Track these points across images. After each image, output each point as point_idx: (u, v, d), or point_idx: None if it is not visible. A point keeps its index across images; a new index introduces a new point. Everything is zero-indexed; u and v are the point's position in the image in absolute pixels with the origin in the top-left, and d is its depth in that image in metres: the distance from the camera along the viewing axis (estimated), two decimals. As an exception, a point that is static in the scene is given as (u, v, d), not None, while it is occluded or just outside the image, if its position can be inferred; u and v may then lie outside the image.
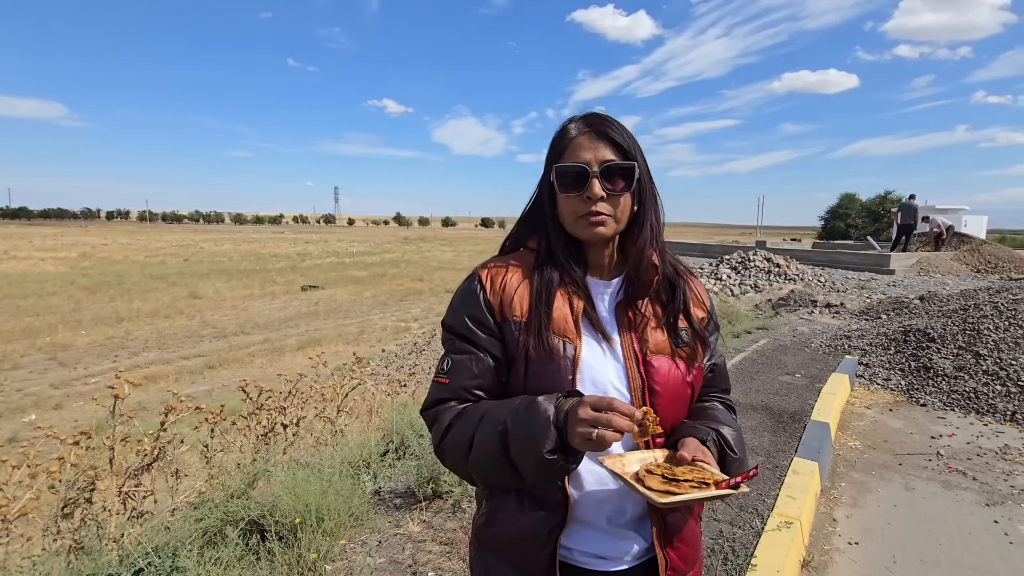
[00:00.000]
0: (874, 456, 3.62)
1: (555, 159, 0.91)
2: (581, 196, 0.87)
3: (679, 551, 0.91)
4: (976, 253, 14.70)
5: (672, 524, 0.91)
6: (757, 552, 2.23)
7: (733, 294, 11.70)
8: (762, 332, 7.25)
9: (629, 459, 0.83)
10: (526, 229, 0.99)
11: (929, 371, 4.97)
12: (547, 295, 0.89)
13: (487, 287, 0.92)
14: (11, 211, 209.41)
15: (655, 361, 0.90)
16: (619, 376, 0.88)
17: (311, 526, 2.19)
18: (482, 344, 0.90)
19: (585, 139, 0.88)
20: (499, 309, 0.90)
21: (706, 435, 0.87)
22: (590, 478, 0.88)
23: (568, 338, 0.87)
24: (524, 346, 0.87)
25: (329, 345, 12.64)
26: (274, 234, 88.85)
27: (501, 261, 0.96)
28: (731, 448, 0.89)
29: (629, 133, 0.90)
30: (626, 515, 0.89)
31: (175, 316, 16.94)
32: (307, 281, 25.53)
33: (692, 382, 0.93)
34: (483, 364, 0.90)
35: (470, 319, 0.91)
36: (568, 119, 0.93)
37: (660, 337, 0.92)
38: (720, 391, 1.05)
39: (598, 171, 0.87)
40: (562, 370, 0.85)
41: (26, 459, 2.03)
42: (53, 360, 11.81)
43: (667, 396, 0.89)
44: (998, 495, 3.06)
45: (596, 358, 0.88)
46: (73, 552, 1.98)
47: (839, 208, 36.13)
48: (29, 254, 35.80)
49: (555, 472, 0.78)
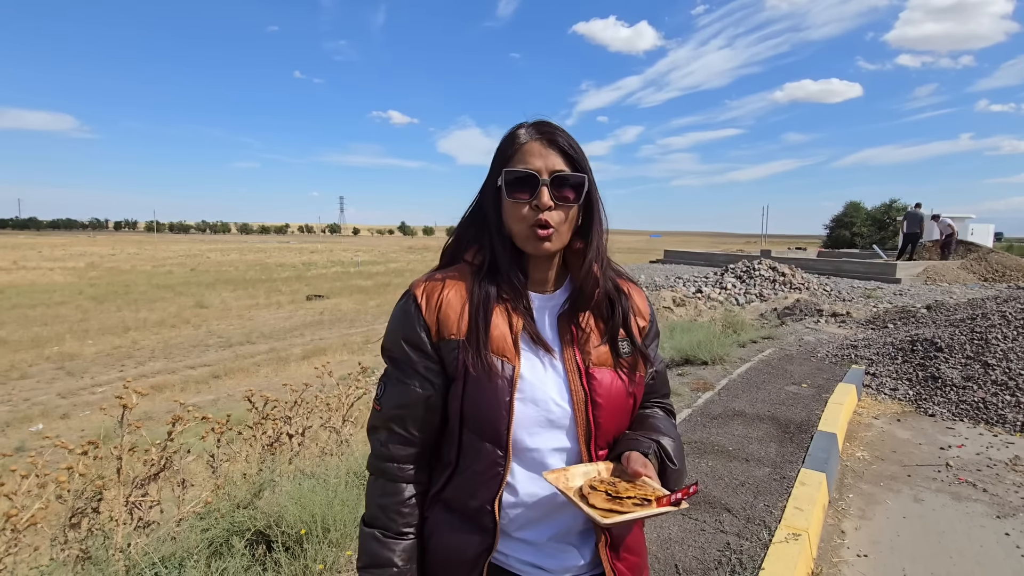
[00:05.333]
0: (882, 467, 3.59)
1: (503, 164, 0.88)
2: (529, 203, 0.85)
3: (627, 561, 0.91)
4: (983, 262, 14.62)
5: (618, 535, 0.91)
6: (765, 564, 2.21)
7: (738, 303, 11.66)
8: (768, 342, 7.21)
9: (573, 473, 0.83)
10: (466, 237, 0.96)
11: (937, 381, 4.93)
12: (485, 312, 0.87)
13: (423, 305, 0.88)
14: (20, 222, 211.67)
15: (597, 373, 0.89)
16: (560, 390, 0.87)
17: (317, 537, 2.19)
18: (418, 370, 0.88)
19: (536, 146, 0.86)
20: (436, 329, 0.87)
21: (647, 448, 0.87)
22: (531, 499, 0.87)
23: (507, 357, 0.85)
24: (463, 365, 0.85)
25: (334, 354, 12.66)
26: (280, 244, 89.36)
27: (438, 275, 0.93)
28: (671, 460, 0.89)
29: (578, 144, 0.89)
30: (569, 530, 0.89)
31: (181, 326, 17.01)
32: (312, 290, 25.61)
33: (634, 392, 0.93)
34: (415, 395, 0.88)
35: (406, 343, 0.89)
36: (518, 125, 0.90)
37: (603, 350, 0.91)
38: (660, 396, 1.05)
39: (548, 180, 0.84)
40: (499, 390, 0.84)
41: (34, 468, 2.05)
42: (60, 370, 11.86)
43: (609, 408, 0.88)
44: (1009, 507, 3.02)
45: (536, 374, 0.87)
46: (80, 562, 1.99)
47: (844, 217, 36.01)
48: (38, 264, 36.11)
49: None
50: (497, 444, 0.85)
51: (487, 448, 0.85)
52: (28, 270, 31.97)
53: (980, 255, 15.10)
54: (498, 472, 0.85)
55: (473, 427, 0.86)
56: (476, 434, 0.86)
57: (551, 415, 0.86)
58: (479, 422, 0.85)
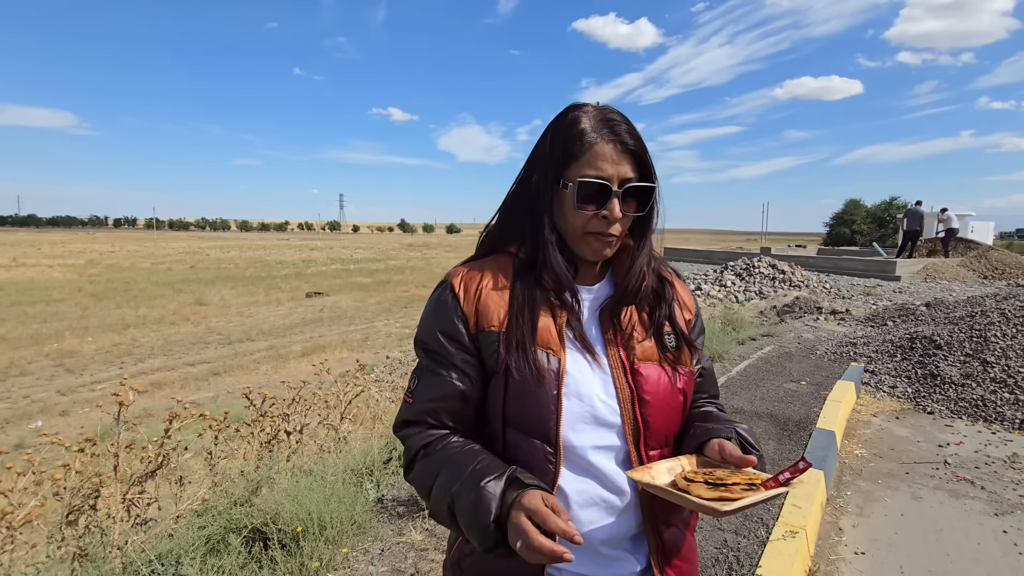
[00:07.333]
0: (880, 464, 3.59)
1: (566, 159, 0.82)
2: (597, 214, 0.81)
3: (678, 568, 0.86)
4: (983, 259, 14.61)
5: (670, 541, 0.85)
6: (762, 562, 2.21)
7: (738, 301, 11.65)
8: (767, 339, 7.21)
9: (657, 469, 0.78)
10: (511, 228, 0.90)
11: (936, 378, 4.93)
12: (532, 305, 0.83)
13: (460, 295, 0.84)
14: (20, 219, 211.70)
15: (643, 369, 0.84)
16: (605, 387, 0.83)
17: (314, 534, 2.19)
18: (454, 363, 0.83)
19: (609, 150, 0.80)
20: (474, 319, 0.83)
21: (729, 435, 0.82)
22: (580, 499, 0.81)
23: (552, 350, 0.81)
24: (504, 359, 0.80)
25: (333, 352, 12.66)
26: (279, 241, 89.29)
27: (476, 265, 0.89)
28: (753, 445, 0.83)
29: (643, 141, 0.83)
30: (621, 535, 0.84)
31: (181, 323, 17.01)
32: (312, 288, 25.61)
33: (683, 388, 0.88)
34: (451, 387, 0.83)
35: (442, 334, 0.84)
36: (579, 108, 0.83)
37: (648, 344, 0.86)
38: (710, 396, 0.99)
39: (619, 191, 0.80)
40: (546, 383, 0.79)
41: (32, 466, 2.04)
42: (60, 367, 11.87)
43: (657, 406, 0.84)
44: (1007, 504, 3.03)
45: (581, 370, 0.83)
46: (77, 559, 1.99)
47: (844, 214, 35.98)
48: (37, 261, 36.10)
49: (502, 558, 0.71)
50: (546, 441, 0.80)
51: (535, 445, 0.80)
52: (27, 267, 31.95)
53: (980, 252, 15.09)
54: (549, 470, 0.80)
55: (518, 424, 0.81)
56: (522, 431, 0.81)
57: (596, 412, 0.82)
58: (524, 418, 0.80)
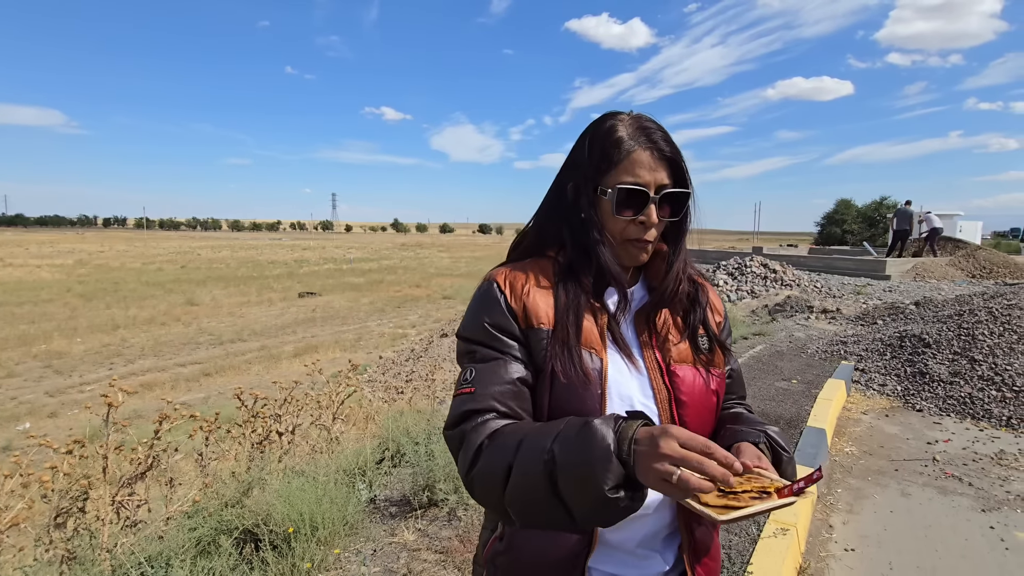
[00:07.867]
0: (870, 462, 3.62)
1: (605, 166, 0.83)
2: (635, 220, 0.83)
3: (707, 567, 0.88)
4: (971, 258, 14.77)
5: (700, 540, 0.87)
6: (753, 559, 2.22)
7: (730, 300, 11.72)
8: (758, 338, 7.26)
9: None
10: (548, 233, 0.92)
11: (925, 376, 4.98)
12: (577, 306, 0.84)
13: (507, 292, 0.84)
14: (7, 218, 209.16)
15: (679, 371, 0.86)
16: (643, 388, 0.84)
17: (305, 535, 2.18)
18: (509, 350, 0.82)
19: (647, 157, 0.82)
20: (522, 315, 0.83)
21: (757, 438, 0.82)
22: None
23: (595, 350, 0.83)
24: (551, 356, 0.81)
25: (326, 352, 12.61)
26: (271, 241, 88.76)
27: (517, 266, 0.90)
28: (783, 448, 0.83)
29: (679, 147, 0.85)
30: (654, 535, 0.85)
31: (171, 323, 16.88)
32: (304, 288, 25.48)
33: (716, 389, 0.89)
34: (518, 371, 0.81)
35: (492, 326, 0.83)
36: (615, 117, 0.86)
37: (683, 347, 0.88)
38: (739, 397, 1.01)
39: (656, 197, 0.82)
40: (591, 383, 0.80)
41: (19, 468, 2.02)
42: (48, 368, 11.74)
43: (694, 407, 0.85)
44: (994, 501, 3.06)
45: (620, 370, 0.84)
46: (66, 562, 1.96)
47: (835, 214, 36.29)
48: (25, 261, 35.68)
49: (616, 512, 0.63)
50: None
51: None
52: (15, 267, 31.57)
53: (968, 252, 15.25)
54: None
55: None
56: None
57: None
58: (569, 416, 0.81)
